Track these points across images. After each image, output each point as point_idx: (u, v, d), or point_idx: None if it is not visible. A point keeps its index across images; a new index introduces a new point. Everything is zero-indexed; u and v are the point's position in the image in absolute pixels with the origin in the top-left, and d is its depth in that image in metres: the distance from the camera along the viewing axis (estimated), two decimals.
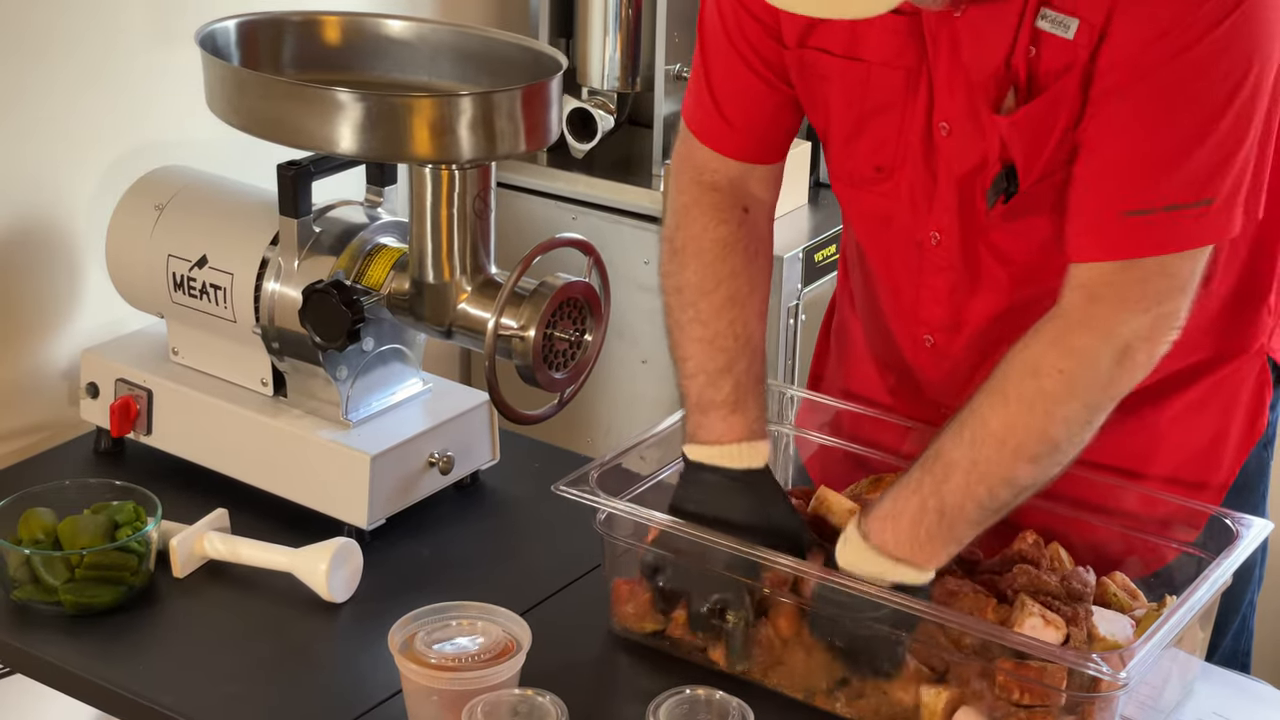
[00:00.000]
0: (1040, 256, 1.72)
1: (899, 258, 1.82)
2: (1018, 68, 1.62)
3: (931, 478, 1.63)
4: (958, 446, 1.62)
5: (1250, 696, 1.78)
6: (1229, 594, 1.87)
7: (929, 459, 1.64)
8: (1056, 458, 1.62)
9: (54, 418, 2.29)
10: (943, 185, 1.73)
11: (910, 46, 1.69)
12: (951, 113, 1.68)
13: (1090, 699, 1.59)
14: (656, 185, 2.85)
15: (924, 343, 1.85)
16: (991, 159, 1.67)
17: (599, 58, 2.91)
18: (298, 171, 1.97)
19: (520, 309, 1.90)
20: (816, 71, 1.76)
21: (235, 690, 1.77)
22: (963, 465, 1.62)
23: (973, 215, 1.73)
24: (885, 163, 1.76)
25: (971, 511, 1.63)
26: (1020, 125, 1.63)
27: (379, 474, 1.98)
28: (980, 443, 1.61)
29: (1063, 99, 1.60)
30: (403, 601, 1.74)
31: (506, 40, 2.06)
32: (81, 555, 1.85)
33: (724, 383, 1.80)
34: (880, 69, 1.71)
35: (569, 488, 1.78)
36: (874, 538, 1.65)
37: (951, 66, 1.66)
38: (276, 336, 2.02)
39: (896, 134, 1.74)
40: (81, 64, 2.27)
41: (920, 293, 1.82)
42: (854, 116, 1.76)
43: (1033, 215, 1.69)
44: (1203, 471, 1.87)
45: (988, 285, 1.77)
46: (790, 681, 1.72)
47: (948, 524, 1.63)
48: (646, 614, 1.78)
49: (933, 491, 1.63)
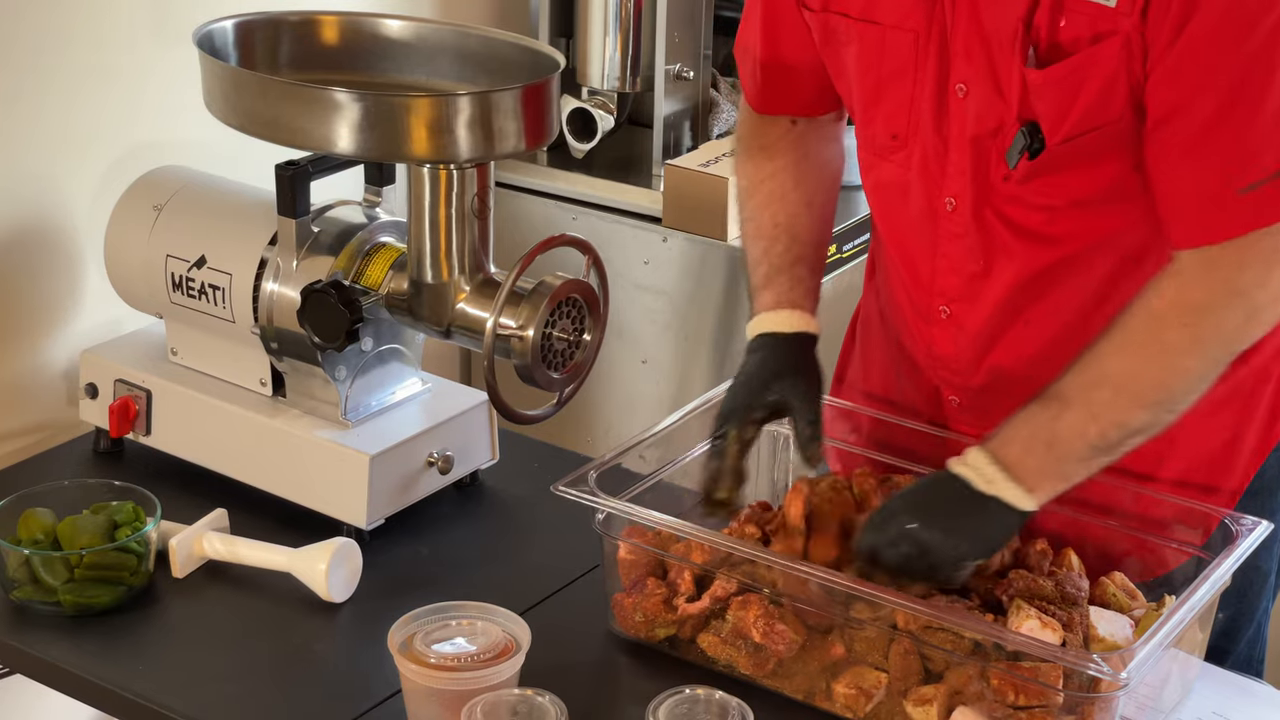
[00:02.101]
0: (1058, 224, 1.74)
1: (915, 229, 1.84)
2: (1039, 27, 1.63)
3: (1045, 412, 1.66)
4: (1075, 386, 1.66)
5: (1250, 696, 1.78)
6: (1243, 599, 1.87)
7: (1047, 395, 1.67)
8: (1171, 406, 1.66)
9: (53, 418, 2.29)
10: (954, 149, 1.75)
11: (919, 8, 1.71)
12: (969, 73, 1.70)
13: (1090, 699, 1.59)
14: (656, 185, 2.85)
15: (940, 314, 1.86)
16: (1009, 120, 1.69)
17: (599, 58, 2.91)
18: (296, 171, 1.97)
19: (519, 309, 1.90)
20: (838, 37, 1.81)
21: (235, 690, 1.77)
22: (1076, 404, 1.65)
23: (985, 179, 1.74)
24: (900, 130, 1.78)
25: (1080, 449, 1.66)
26: (1050, 83, 1.64)
27: (378, 474, 1.98)
28: (1097, 386, 1.65)
29: (1098, 64, 1.62)
30: (402, 601, 1.74)
31: (506, 40, 2.06)
32: (81, 555, 1.85)
33: (761, 266, 1.93)
34: (893, 32, 1.74)
35: (568, 488, 1.78)
36: (992, 451, 1.68)
37: (970, 27, 1.68)
38: (275, 336, 2.02)
39: (909, 100, 1.76)
40: (80, 64, 2.27)
41: (936, 262, 1.83)
42: (872, 82, 1.79)
43: (1053, 175, 1.70)
44: (1215, 475, 1.87)
45: (1002, 254, 1.78)
46: (791, 682, 1.72)
47: (1056, 458, 1.66)
48: (657, 620, 1.78)
49: (1045, 425, 1.66)
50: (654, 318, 2.85)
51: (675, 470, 1.93)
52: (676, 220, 2.78)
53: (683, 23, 2.87)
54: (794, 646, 1.70)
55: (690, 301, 2.81)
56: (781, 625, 1.70)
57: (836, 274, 2.84)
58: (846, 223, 2.85)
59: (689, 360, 2.85)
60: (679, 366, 2.86)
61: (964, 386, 1.89)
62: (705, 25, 2.91)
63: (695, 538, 1.75)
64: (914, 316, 1.90)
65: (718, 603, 1.75)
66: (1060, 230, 1.75)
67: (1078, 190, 1.71)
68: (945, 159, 1.76)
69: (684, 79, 2.89)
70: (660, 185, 2.82)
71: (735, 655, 1.73)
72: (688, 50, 2.89)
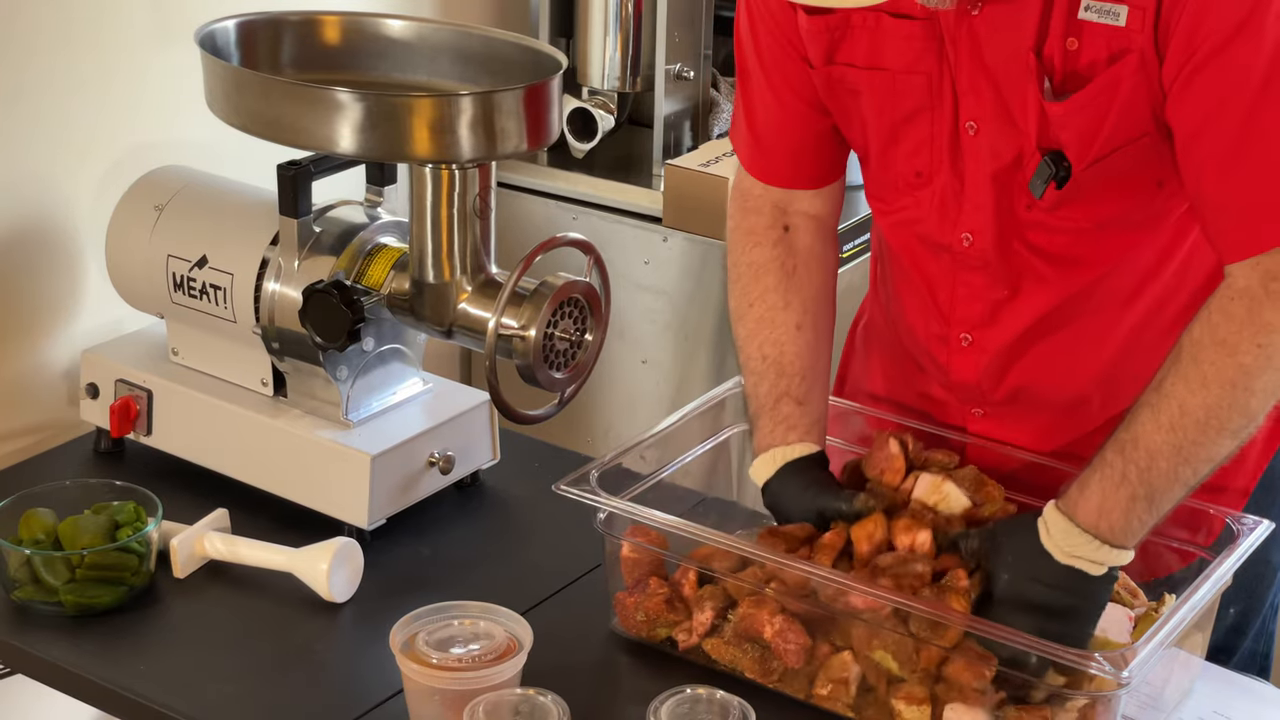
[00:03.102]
0: (1085, 247, 1.73)
1: (933, 260, 1.83)
2: (1052, 57, 1.63)
3: (1136, 467, 1.64)
4: (1158, 432, 1.63)
5: (1250, 696, 1.78)
6: (1252, 595, 1.87)
7: (1128, 446, 1.64)
8: (1251, 427, 1.64)
9: (54, 418, 2.29)
10: (972, 186, 1.74)
11: (929, 51, 1.70)
12: (979, 111, 1.70)
13: (1092, 698, 1.59)
14: (656, 185, 2.85)
15: (960, 342, 1.85)
16: (1029, 151, 1.68)
17: (599, 58, 2.91)
18: (298, 171, 1.97)
19: (521, 309, 1.90)
20: (845, 87, 1.79)
21: (235, 690, 1.77)
22: (1165, 451, 1.63)
23: (1010, 211, 1.74)
24: (924, 167, 1.77)
25: (1178, 492, 1.65)
26: (1074, 111, 1.63)
27: (379, 474, 1.98)
28: (1182, 428, 1.62)
29: (1118, 84, 1.62)
30: (403, 601, 1.74)
31: (506, 40, 2.06)
32: (82, 555, 1.85)
33: (751, 403, 1.89)
34: (904, 76, 1.73)
35: (570, 487, 1.78)
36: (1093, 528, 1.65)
37: (974, 65, 1.67)
38: (276, 337, 2.02)
39: (929, 138, 1.75)
40: (81, 64, 2.26)
41: (957, 290, 1.82)
42: (888, 125, 1.78)
43: (1080, 201, 1.70)
44: (1225, 475, 1.86)
45: (1031, 281, 1.78)
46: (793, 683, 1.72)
47: (1157, 508, 1.65)
48: (659, 620, 1.78)
49: (1140, 481, 1.64)
50: (654, 318, 2.85)
51: (675, 470, 1.93)
52: (677, 220, 2.78)
53: (683, 23, 2.87)
54: (803, 651, 1.70)
55: (690, 301, 2.81)
56: (796, 628, 1.69)
57: None
58: (847, 222, 2.85)
59: (689, 360, 2.85)
60: (679, 366, 2.86)
61: (985, 401, 1.88)
62: (705, 25, 2.91)
63: (702, 539, 1.75)
64: (931, 343, 1.89)
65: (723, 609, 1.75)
66: (1086, 252, 1.74)
67: (1103, 212, 1.71)
68: (962, 196, 1.76)
69: (684, 79, 2.89)
70: (660, 185, 2.82)
71: (740, 659, 1.73)
72: (688, 50, 2.89)
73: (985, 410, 1.88)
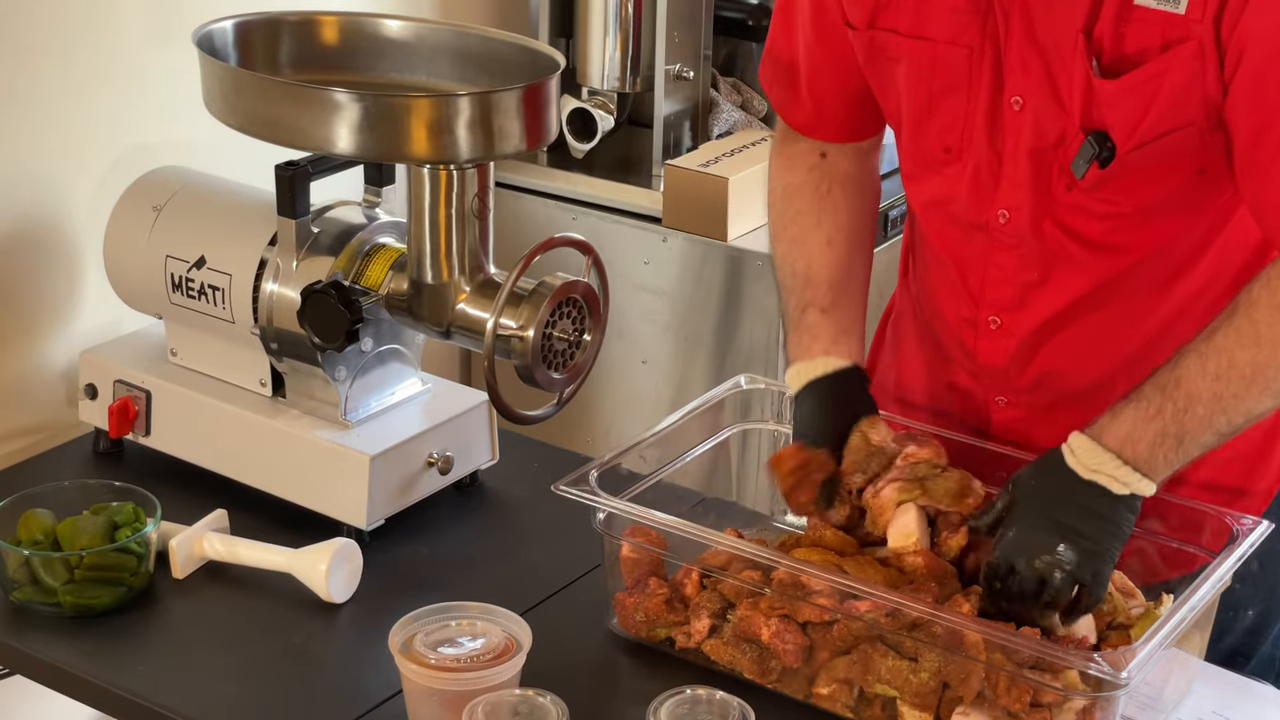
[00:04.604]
0: (1121, 233, 1.74)
1: (964, 241, 1.83)
2: (1101, 38, 1.63)
3: (1173, 406, 1.66)
4: (1202, 379, 1.65)
5: (1250, 696, 1.78)
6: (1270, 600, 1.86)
7: (1169, 386, 1.66)
8: None
9: (53, 419, 2.29)
10: (1010, 162, 1.74)
11: (973, 24, 1.70)
12: (1026, 87, 1.69)
13: (1091, 698, 1.59)
14: (656, 185, 2.85)
15: (989, 324, 1.85)
16: (1071, 130, 1.68)
17: (599, 58, 2.91)
18: (296, 172, 1.97)
19: (519, 309, 1.90)
20: (886, 53, 1.79)
21: (235, 690, 1.77)
22: (1205, 398, 1.65)
23: (1047, 191, 1.74)
24: (954, 143, 1.78)
25: (1209, 439, 1.67)
26: (1124, 92, 1.64)
27: (378, 474, 1.98)
28: (1227, 379, 1.64)
29: (1172, 70, 1.62)
30: (403, 602, 1.74)
31: (506, 40, 2.06)
32: (81, 556, 1.85)
33: (784, 324, 1.93)
34: (945, 47, 1.73)
35: (569, 487, 1.78)
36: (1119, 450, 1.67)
37: (1024, 40, 1.67)
38: (275, 337, 2.02)
39: (963, 114, 1.75)
40: (79, 64, 2.26)
41: (988, 272, 1.82)
42: (923, 96, 1.78)
43: (1120, 182, 1.70)
44: (1246, 476, 1.87)
45: (1063, 265, 1.78)
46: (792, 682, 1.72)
47: (1184, 449, 1.67)
48: (659, 620, 1.78)
49: (1174, 419, 1.66)
50: (654, 318, 2.85)
51: (675, 470, 1.93)
52: (676, 220, 2.78)
53: (683, 23, 2.87)
54: (801, 651, 1.70)
55: (690, 301, 2.81)
56: (793, 628, 1.69)
57: None
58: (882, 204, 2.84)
59: (689, 360, 2.85)
60: (679, 366, 2.86)
61: (1010, 388, 1.88)
62: (705, 25, 2.91)
63: (701, 539, 1.75)
64: (960, 327, 1.89)
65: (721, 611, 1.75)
66: (1122, 239, 1.75)
67: (1143, 197, 1.71)
68: (999, 172, 1.76)
69: (684, 79, 2.89)
70: (660, 185, 2.82)
71: (738, 659, 1.73)
72: (688, 50, 2.89)
73: (1010, 398, 1.88)
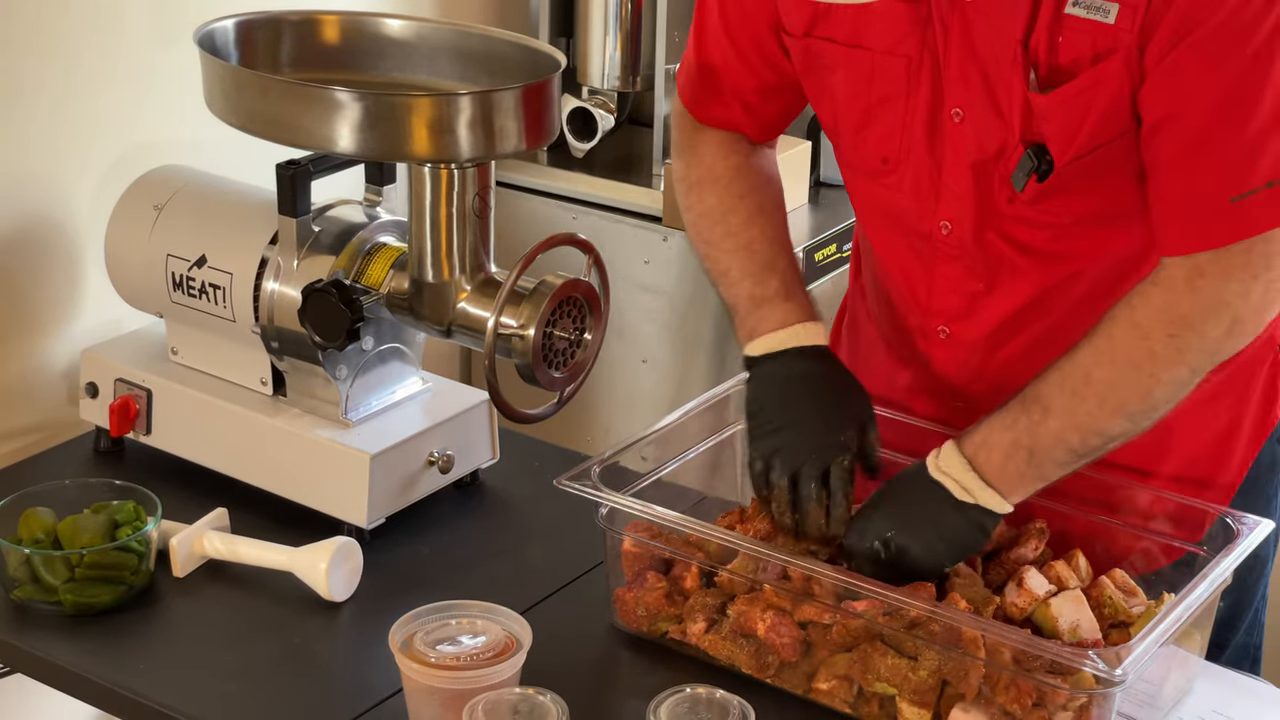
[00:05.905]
0: (1064, 242, 1.74)
1: (910, 250, 1.83)
2: (1037, 49, 1.63)
3: (1028, 418, 1.67)
4: (1059, 395, 1.66)
5: (1250, 695, 1.78)
6: (1242, 587, 1.87)
7: (1027, 400, 1.68)
8: (1151, 415, 1.67)
9: (53, 417, 2.29)
10: (951, 174, 1.74)
11: (912, 34, 1.70)
12: (966, 99, 1.69)
13: (1086, 695, 1.59)
14: (656, 185, 2.85)
15: (938, 334, 1.86)
16: (1011, 143, 1.68)
17: (599, 57, 2.91)
18: (297, 171, 1.97)
19: (520, 308, 1.90)
20: (823, 61, 1.79)
21: (235, 690, 1.77)
22: (1059, 413, 1.66)
23: (990, 202, 1.74)
24: (891, 155, 1.77)
25: (1061, 455, 1.68)
26: (1057, 105, 1.64)
27: (379, 473, 1.98)
28: (1081, 396, 1.65)
29: (1103, 82, 1.62)
30: (403, 600, 1.74)
31: (506, 39, 2.06)
32: (81, 555, 1.85)
33: (770, 279, 1.85)
34: (884, 57, 1.73)
35: (571, 482, 1.78)
36: (971, 457, 1.69)
37: (964, 52, 1.67)
38: (276, 336, 2.02)
39: (901, 125, 1.74)
40: (81, 64, 2.27)
41: (934, 283, 1.83)
42: (861, 107, 1.78)
43: (1061, 196, 1.70)
44: (1211, 469, 1.87)
45: (1008, 274, 1.78)
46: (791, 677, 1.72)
47: (1036, 464, 1.68)
48: (659, 614, 1.78)
49: (1027, 431, 1.67)
50: (654, 317, 2.86)
51: (676, 468, 1.93)
52: (677, 220, 2.78)
53: (683, 22, 2.87)
54: (798, 645, 1.70)
55: (690, 301, 2.81)
56: (789, 623, 1.70)
57: (836, 274, 2.85)
58: (846, 223, 2.85)
59: (689, 360, 2.85)
60: (679, 366, 2.86)
61: (965, 394, 1.88)
62: None
63: (703, 534, 1.75)
64: (911, 336, 1.90)
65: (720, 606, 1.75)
66: (1065, 247, 1.75)
67: (1085, 206, 1.72)
68: (939, 183, 1.76)
69: None
70: (660, 185, 2.82)
71: (736, 654, 1.73)
72: None
73: (965, 404, 1.89)
